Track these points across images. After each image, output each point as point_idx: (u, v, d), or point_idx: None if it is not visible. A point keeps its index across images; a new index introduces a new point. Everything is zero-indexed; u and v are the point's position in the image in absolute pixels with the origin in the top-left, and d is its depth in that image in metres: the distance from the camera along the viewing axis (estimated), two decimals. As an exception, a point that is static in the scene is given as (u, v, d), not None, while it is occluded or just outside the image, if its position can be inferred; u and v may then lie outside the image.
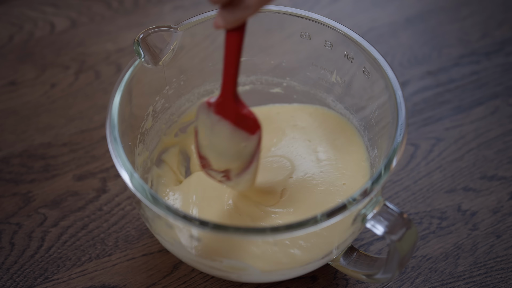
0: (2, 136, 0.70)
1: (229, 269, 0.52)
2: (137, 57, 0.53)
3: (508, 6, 0.84)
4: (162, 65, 0.55)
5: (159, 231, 0.52)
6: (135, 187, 0.46)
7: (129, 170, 0.47)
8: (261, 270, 0.52)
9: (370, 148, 0.59)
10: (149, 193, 0.46)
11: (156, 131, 0.60)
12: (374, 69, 0.54)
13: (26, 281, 0.59)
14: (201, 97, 0.64)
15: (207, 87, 0.63)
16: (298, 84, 0.64)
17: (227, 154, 0.53)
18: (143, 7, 0.84)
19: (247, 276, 0.53)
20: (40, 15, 0.82)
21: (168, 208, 0.45)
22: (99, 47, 0.79)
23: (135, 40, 0.53)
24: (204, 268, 0.53)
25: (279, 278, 0.54)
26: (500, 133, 0.70)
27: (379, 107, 0.56)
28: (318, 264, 0.53)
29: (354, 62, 0.57)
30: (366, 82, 0.57)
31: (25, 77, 0.75)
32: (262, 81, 0.65)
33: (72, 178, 0.66)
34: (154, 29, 0.54)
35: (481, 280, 0.59)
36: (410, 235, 0.47)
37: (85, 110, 0.72)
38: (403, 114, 0.50)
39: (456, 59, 0.78)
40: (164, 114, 0.61)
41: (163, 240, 0.53)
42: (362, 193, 0.46)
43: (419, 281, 0.59)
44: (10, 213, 0.63)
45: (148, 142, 0.59)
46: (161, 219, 0.49)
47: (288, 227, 0.44)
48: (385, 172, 0.47)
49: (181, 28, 0.55)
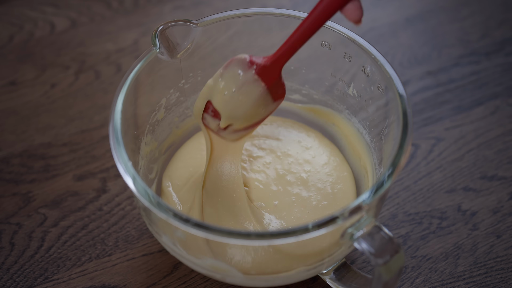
0: (2, 136, 0.70)
1: (213, 268, 0.52)
2: (153, 48, 0.54)
3: (508, 6, 0.84)
4: (179, 58, 0.55)
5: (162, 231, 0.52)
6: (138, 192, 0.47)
7: (131, 173, 0.47)
8: (243, 273, 0.51)
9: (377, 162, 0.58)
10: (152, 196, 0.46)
11: (168, 123, 0.61)
12: (376, 68, 0.55)
13: (26, 281, 0.59)
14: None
15: None
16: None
17: (242, 113, 0.53)
18: (143, 7, 0.84)
19: (230, 278, 0.52)
20: (40, 15, 0.82)
21: (174, 214, 0.45)
22: (99, 47, 0.79)
23: (153, 31, 0.53)
24: (192, 266, 0.53)
25: (262, 284, 0.53)
26: (500, 133, 0.70)
27: (388, 126, 0.55)
28: (304, 275, 0.52)
29: (352, 60, 0.57)
30: (366, 83, 0.57)
31: (25, 77, 0.75)
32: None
33: (72, 178, 0.66)
34: (174, 22, 0.54)
35: (481, 280, 0.59)
36: (397, 259, 0.45)
37: (85, 110, 0.72)
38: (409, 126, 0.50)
39: (456, 59, 0.78)
40: (178, 107, 0.61)
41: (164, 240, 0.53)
42: (354, 209, 0.45)
43: (419, 281, 0.59)
44: (10, 213, 0.63)
45: (158, 133, 0.59)
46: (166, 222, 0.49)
47: (273, 235, 0.44)
48: (376, 193, 0.46)
49: (201, 24, 0.56)
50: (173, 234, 0.49)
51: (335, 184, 0.60)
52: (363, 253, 0.56)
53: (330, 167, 0.61)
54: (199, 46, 0.57)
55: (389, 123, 0.54)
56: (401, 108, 0.50)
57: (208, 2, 0.84)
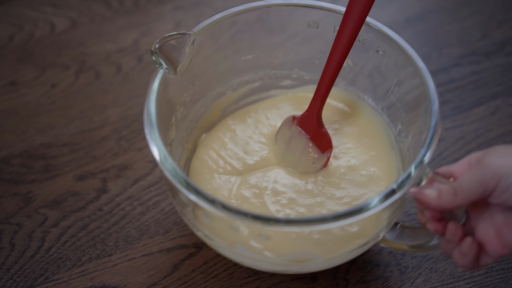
0: (3, 136, 0.70)
1: (293, 262, 0.52)
2: (159, 68, 0.53)
3: (508, 6, 0.84)
4: (180, 73, 0.55)
5: (217, 231, 0.52)
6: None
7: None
8: (326, 258, 0.52)
9: (391, 124, 0.60)
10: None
11: (179, 140, 0.60)
12: (390, 47, 0.56)
13: (26, 281, 0.59)
14: (214, 100, 0.64)
15: (219, 89, 0.64)
16: (307, 74, 0.65)
17: (294, 166, 0.59)
18: (143, 7, 0.84)
19: (310, 266, 0.54)
20: (40, 15, 0.82)
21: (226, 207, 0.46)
22: (99, 47, 0.79)
23: (152, 51, 0.52)
24: (251, 263, 0.54)
25: (339, 262, 0.55)
26: (500, 133, 0.70)
27: (398, 84, 0.58)
28: (373, 243, 0.54)
29: (367, 43, 0.58)
30: (381, 62, 0.58)
31: (25, 77, 0.75)
32: (271, 76, 0.65)
33: (72, 178, 0.66)
34: (169, 37, 0.53)
35: (482, 280, 0.59)
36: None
37: (85, 110, 0.72)
38: (432, 85, 0.52)
39: (456, 59, 0.78)
40: (184, 122, 0.60)
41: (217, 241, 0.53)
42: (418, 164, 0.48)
43: (419, 281, 0.59)
44: (10, 213, 0.63)
45: (174, 152, 0.59)
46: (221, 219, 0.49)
47: (348, 214, 0.46)
48: (429, 147, 0.49)
49: (194, 34, 0.55)
50: (254, 231, 0.50)
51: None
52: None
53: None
54: (194, 56, 0.56)
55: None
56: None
57: (208, 2, 0.84)
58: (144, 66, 0.77)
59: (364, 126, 0.62)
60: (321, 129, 0.59)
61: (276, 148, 0.60)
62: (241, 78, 0.64)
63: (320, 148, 0.59)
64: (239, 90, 0.65)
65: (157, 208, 0.64)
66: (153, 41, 0.78)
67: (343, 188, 0.57)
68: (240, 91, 0.65)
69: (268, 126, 0.63)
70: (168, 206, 0.64)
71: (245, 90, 0.65)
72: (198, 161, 0.61)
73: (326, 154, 0.59)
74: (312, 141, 0.59)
